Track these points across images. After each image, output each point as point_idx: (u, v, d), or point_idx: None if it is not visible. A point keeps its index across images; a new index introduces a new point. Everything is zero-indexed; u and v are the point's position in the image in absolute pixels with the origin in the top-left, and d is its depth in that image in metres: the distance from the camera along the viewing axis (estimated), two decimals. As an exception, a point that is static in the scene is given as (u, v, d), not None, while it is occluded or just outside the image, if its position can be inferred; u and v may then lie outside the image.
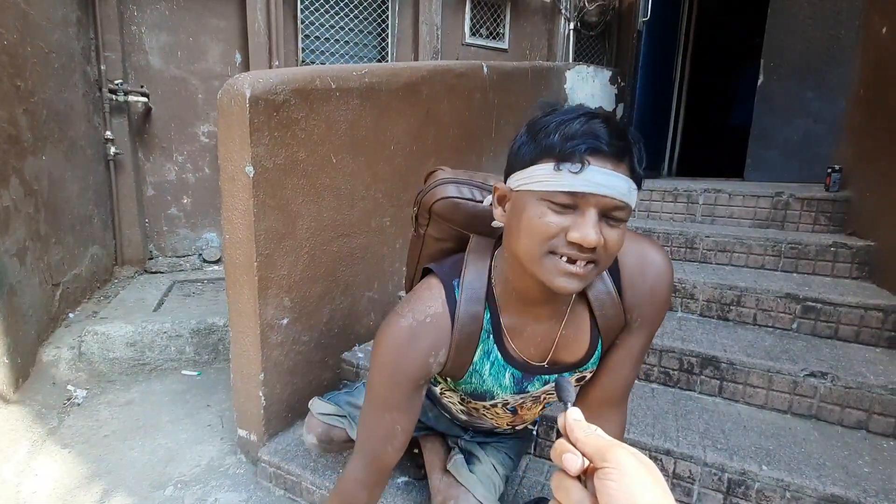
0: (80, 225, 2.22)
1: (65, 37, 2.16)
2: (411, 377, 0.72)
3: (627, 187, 0.57)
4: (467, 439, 1.03)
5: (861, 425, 1.19)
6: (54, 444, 1.45)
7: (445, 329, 0.72)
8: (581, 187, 0.56)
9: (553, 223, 0.57)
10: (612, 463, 0.31)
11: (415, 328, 0.71)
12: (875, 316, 1.39)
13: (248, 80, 1.12)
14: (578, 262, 0.58)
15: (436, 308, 0.71)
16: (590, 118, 0.58)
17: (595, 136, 0.56)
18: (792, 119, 2.63)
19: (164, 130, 2.73)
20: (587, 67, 3.26)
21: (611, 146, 0.56)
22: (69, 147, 2.14)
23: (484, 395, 0.81)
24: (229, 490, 1.28)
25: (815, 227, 1.89)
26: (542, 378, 0.78)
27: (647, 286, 0.72)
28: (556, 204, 0.57)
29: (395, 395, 0.73)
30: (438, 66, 1.84)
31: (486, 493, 0.92)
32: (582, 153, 0.56)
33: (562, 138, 0.57)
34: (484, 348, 0.75)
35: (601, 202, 0.56)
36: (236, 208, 1.19)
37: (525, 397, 0.81)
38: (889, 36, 1.72)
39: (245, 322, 1.26)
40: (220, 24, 2.75)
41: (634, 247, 0.72)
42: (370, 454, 0.76)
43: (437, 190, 0.82)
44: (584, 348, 0.75)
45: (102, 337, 1.87)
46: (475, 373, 0.77)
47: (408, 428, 0.76)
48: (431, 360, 0.72)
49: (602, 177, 0.56)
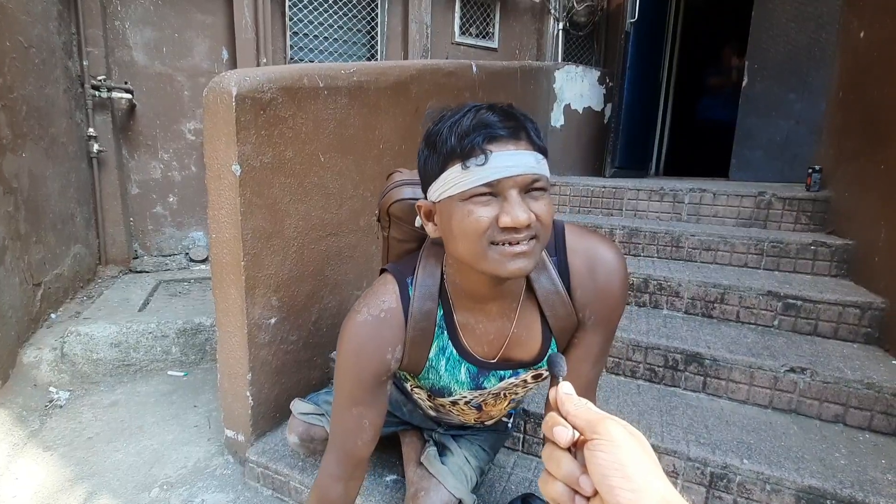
0: (62, 224, 2.17)
1: (45, 31, 2.11)
2: (372, 372, 0.73)
3: (534, 160, 0.60)
4: (441, 432, 1.05)
5: (838, 419, 1.22)
6: (35, 448, 1.43)
7: (400, 325, 0.73)
8: (493, 176, 0.58)
9: (482, 217, 0.59)
10: (603, 434, 0.32)
11: (371, 324, 0.72)
12: (853, 313, 1.42)
13: (234, 78, 1.11)
14: (521, 243, 0.59)
15: (390, 304, 0.73)
16: (476, 111, 0.60)
17: (486, 124, 0.58)
18: (775, 120, 2.69)
19: (150, 128, 2.69)
20: (576, 67, 3.28)
21: (505, 128, 0.59)
22: (50, 144, 2.09)
23: (442, 391, 0.82)
24: (216, 491, 1.27)
25: (796, 226, 1.93)
26: (497, 374, 0.79)
27: (599, 284, 0.72)
28: (478, 198, 0.59)
29: (358, 390, 0.74)
30: (427, 64, 1.84)
31: (457, 483, 0.94)
32: (481, 145, 0.58)
33: (458, 138, 0.59)
34: (439, 344, 0.76)
35: (517, 182, 0.58)
36: (223, 207, 1.18)
37: (483, 393, 0.82)
38: (866, 39, 1.76)
39: (232, 322, 1.25)
40: (206, 20, 2.71)
41: (584, 245, 0.73)
42: (341, 449, 0.78)
43: (393, 192, 0.84)
44: (536, 347, 0.76)
45: (85, 338, 1.83)
46: (432, 369, 0.79)
47: (376, 421, 0.77)
48: (389, 355, 0.73)
49: (507, 159, 0.58)
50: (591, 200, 2.29)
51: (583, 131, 3.38)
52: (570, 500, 0.33)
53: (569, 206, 2.33)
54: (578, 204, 2.32)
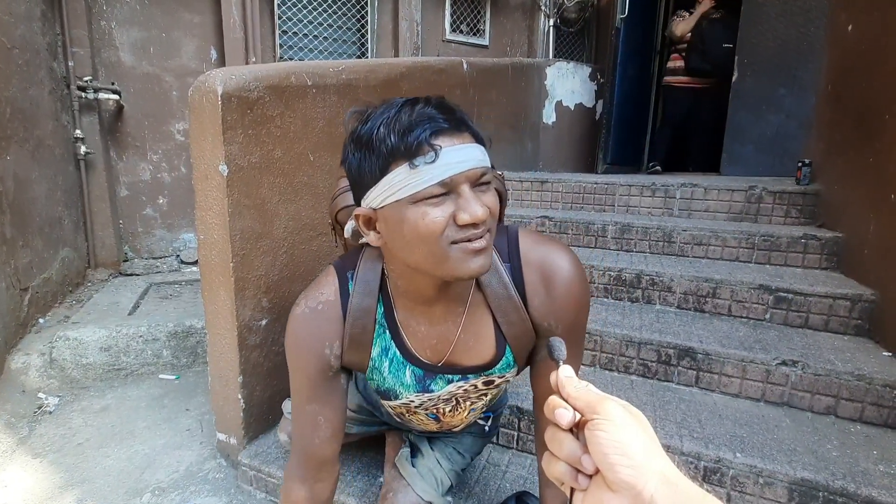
0: (50, 227, 2.14)
1: (28, 32, 2.07)
2: (314, 367, 0.71)
3: (481, 152, 0.58)
4: (416, 434, 1.03)
5: (830, 411, 1.23)
6: (25, 454, 1.41)
7: (337, 319, 0.71)
8: (446, 174, 0.54)
9: (438, 218, 0.55)
10: (602, 414, 0.32)
11: (308, 316, 0.70)
12: (843, 305, 1.43)
13: (219, 77, 1.10)
14: (480, 238, 0.57)
15: (328, 296, 0.71)
16: (412, 105, 0.56)
17: (430, 118, 0.55)
18: (765, 115, 2.70)
19: (138, 129, 2.66)
20: (567, 64, 3.28)
21: (449, 121, 0.56)
22: (36, 146, 2.06)
23: (388, 394, 0.79)
24: (209, 495, 1.26)
25: (786, 219, 1.94)
26: (445, 377, 0.76)
27: (557, 295, 0.69)
28: (432, 198, 0.55)
29: (306, 385, 0.72)
30: (417, 62, 1.83)
31: (426, 486, 0.92)
32: (428, 140, 0.54)
33: (400, 136, 0.54)
34: (381, 344, 0.74)
35: (468, 177, 0.56)
36: (210, 208, 1.17)
37: (433, 397, 0.78)
38: (854, 34, 1.77)
39: (222, 324, 1.23)
40: (194, 20, 2.68)
41: (538, 255, 0.70)
42: (300, 448, 0.76)
43: (339, 200, 0.81)
44: (488, 353, 0.73)
45: (75, 342, 1.81)
46: (375, 370, 0.76)
47: (332, 418, 0.74)
48: (327, 351, 0.71)
49: (456, 154, 0.55)
50: (584, 197, 2.29)
51: (575, 128, 3.39)
52: (573, 479, 0.34)
53: (561, 203, 2.33)
54: (571, 200, 2.32)
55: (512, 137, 2.89)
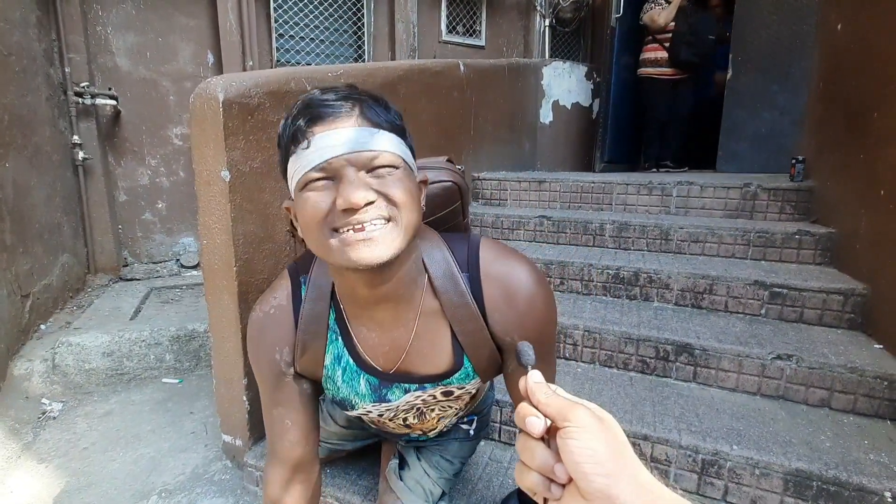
0: (49, 233, 2.15)
1: (24, 38, 2.07)
2: (269, 371, 0.71)
3: (369, 135, 0.55)
4: (402, 444, 1.01)
5: (824, 403, 1.25)
6: (30, 460, 1.42)
7: (287, 324, 0.70)
8: (318, 158, 0.54)
9: (320, 202, 0.55)
10: (574, 421, 0.32)
11: (262, 320, 0.70)
12: (836, 299, 1.46)
13: (220, 84, 1.11)
14: (367, 227, 0.54)
15: (280, 301, 0.70)
16: (307, 97, 0.58)
17: (307, 105, 0.56)
18: (760, 112, 2.73)
19: (135, 134, 2.66)
20: (563, 63, 3.30)
21: (326, 106, 0.55)
22: (34, 153, 2.06)
23: (345, 404, 0.77)
24: (215, 496, 1.27)
25: (781, 216, 1.97)
26: (401, 386, 0.73)
27: (521, 311, 0.67)
28: (313, 184, 0.55)
29: (267, 388, 0.72)
30: (414, 65, 1.85)
31: (415, 498, 0.91)
32: (303, 128, 0.54)
33: (285, 127, 0.57)
34: (334, 352, 0.71)
35: (350, 160, 0.54)
36: (213, 213, 1.18)
37: (390, 407, 0.76)
38: (843, 33, 1.80)
39: (226, 327, 1.24)
40: (190, 24, 2.68)
41: (499, 269, 0.67)
42: (272, 451, 0.75)
43: None
44: (444, 362, 0.71)
45: (77, 348, 1.82)
46: (329, 378, 0.74)
47: (299, 421, 0.73)
48: (277, 356, 0.70)
49: (331, 138, 0.54)
50: (581, 196, 2.31)
51: (572, 127, 3.41)
52: (546, 489, 0.33)
53: (559, 202, 2.35)
54: (568, 200, 2.34)
55: (509, 137, 2.91)
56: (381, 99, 0.60)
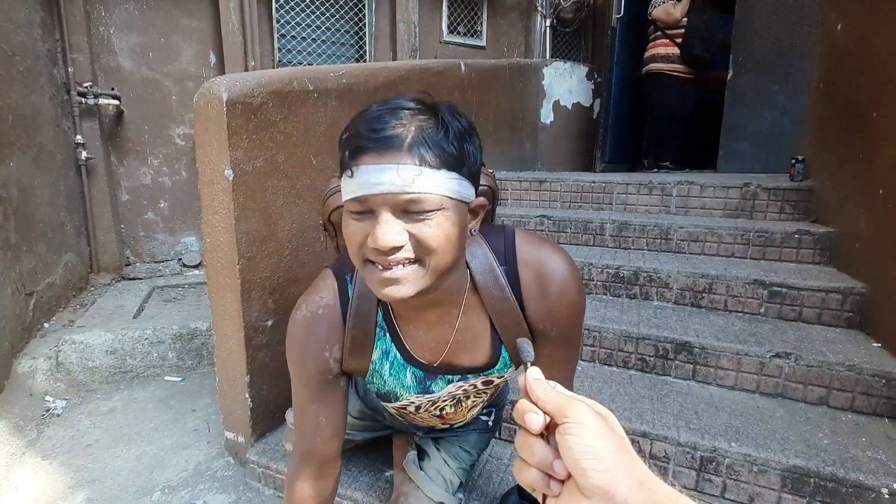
0: (53, 232, 2.16)
1: (28, 38, 2.09)
2: (315, 369, 0.71)
3: (413, 176, 0.51)
4: (420, 435, 1.03)
5: (822, 401, 1.26)
6: (34, 457, 1.43)
7: (337, 324, 0.71)
8: (357, 191, 0.53)
9: (357, 231, 0.55)
10: (572, 418, 0.32)
11: (309, 320, 0.70)
12: (835, 298, 1.47)
13: (224, 84, 1.12)
14: (394, 267, 0.54)
15: (327, 300, 0.71)
16: (363, 115, 0.54)
17: (357, 135, 0.53)
18: (760, 112, 2.73)
19: (138, 133, 2.67)
20: (564, 64, 3.31)
21: (374, 140, 0.51)
22: (38, 153, 2.08)
23: (389, 396, 0.79)
24: (218, 492, 1.29)
25: (781, 215, 1.97)
26: (444, 378, 0.76)
27: (553, 297, 0.69)
28: (353, 213, 0.55)
29: (307, 387, 0.73)
30: (416, 65, 1.86)
31: (435, 488, 0.93)
32: (348, 157, 0.53)
33: (341, 140, 0.56)
34: (382, 347, 0.74)
35: (388, 200, 0.52)
36: (216, 212, 1.19)
37: (433, 398, 0.79)
38: (843, 32, 1.81)
39: (229, 325, 1.26)
40: (192, 24, 2.70)
41: (533, 257, 0.69)
42: (302, 447, 0.77)
43: (332, 200, 0.81)
44: (486, 354, 0.74)
45: (80, 346, 1.83)
46: (375, 373, 0.76)
47: (333, 419, 0.75)
48: (327, 354, 0.71)
49: (372, 175, 0.52)
50: (582, 195, 2.32)
51: (572, 127, 3.42)
52: (545, 486, 0.33)
53: (559, 202, 2.36)
54: (569, 199, 2.35)
55: (510, 137, 2.92)
56: (446, 122, 0.54)
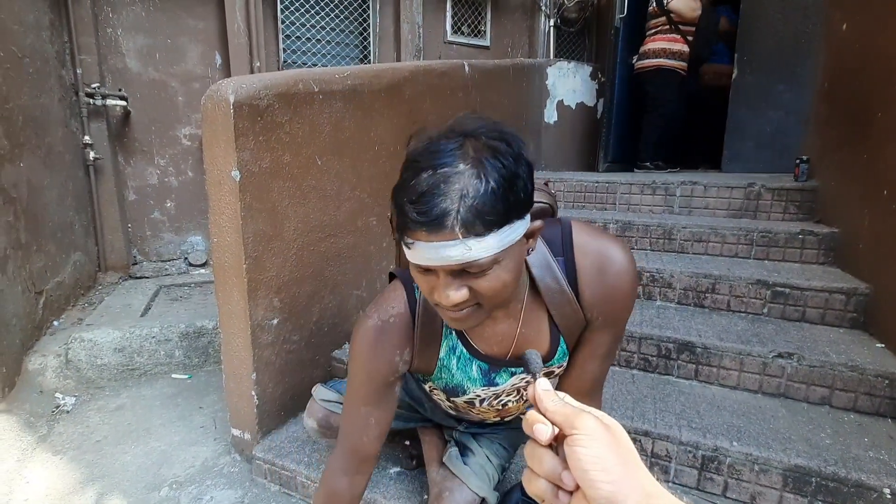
0: (62, 232, 2.19)
1: (38, 40, 2.12)
2: (381, 374, 0.77)
3: (461, 251, 0.54)
4: (461, 430, 1.07)
5: (825, 401, 1.26)
6: (45, 452, 1.46)
7: (408, 328, 0.76)
8: (416, 260, 0.57)
9: (424, 282, 0.61)
10: (580, 429, 0.32)
11: (381, 328, 0.75)
12: (839, 298, 1.47)
13: (231, 86, 1.14)
14: (458, 316, 0.61)
15: (398, 308, 0.76)
16: (410, 184, 0.55)
17: (406, 212, 0.55)
18: (765, 111, 2.72)
19: (145, 134, 2.70)
20: (568, 63, 3.31)
21: (422, 223, 0.54)
22: (47, 153, 2.11)
23: (456, 390, 0.84)
24: (225, 488, 1.31)
25: (784, 215, 1.97)
26: (508, 370, 0.81)
27: (608, 285, 0.72)
28: (417, 269, 0.60)
29: (367, 391, 0.78)
30: (420, 66, 1.87)
31: (480, 483, 0.96)
32: (402, 231, 0.57)
33: (395, 210, 0.58)
34: (449, 344, 0.79)
35: (445, 269, 0.56)
36: (223, 212, 1.21)
37: (497, 391, 0.84)
38: (848, 32, 1.80)
39: (235, 323, 1.28)
40: (198, 26, 2.72)
41: (594, 245, 0.73)
42: (348, 444, 0.81)
43: None
44: (545, 346, 0.78)
45: (89, 343, 1.86)
46: (443, 368, 0.81)
47: (382, 421, 0.81)
48: (398, 358, 0.77)
49: (428, 251, 0.55)
50: (585, 195, 2.33)
51: (576, 127, 3.42)
52: (553, 496, 0.33)
53: (563, 202, 2.36)
54: (573, 199, 2.36)
55: (513, 137, 2.91)
56: (489, 180, 0.54)
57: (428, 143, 0.57)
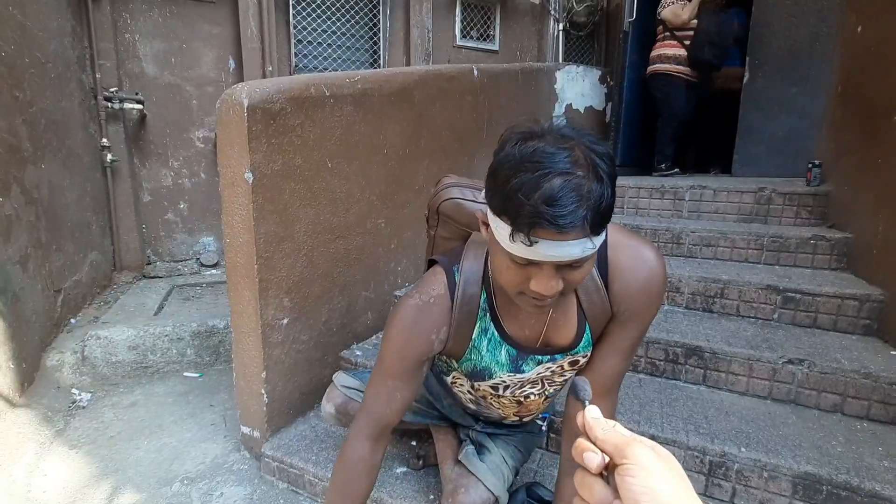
0: (80, 232, 2.25)
1: (60, 46, 2.18)
2: (417, 352, 0.81)
3: (580, 249, 0.58)
4: (478, 430, 1.08)
5: (836, 408, 1.25)
6: (61, 446, 1.49)
7: (446, 308, 0.80)
8: (532, 256, 0.59)
9: (517, 274, 0.64)
10: (631, 459, 0.32)
11: (421, 307, 0.80)
12: (851, 305, 1.45)
13: (245, 90, 1.17)
14: (544, 303, 0.65)
15: (438, 290, 0.80)
16: (542, 187, 0.56)
17: (539, 213, 0.56)
18: (777, 115, 2.69)
19: (160, 137, 2.76)
20: (577, 67, 3.31)
21: (557, 225, 0.55)
22: (67, 155, 2.17)
23: (483, 373, 0.87)
24: (234, 484, 1.33)
25: (796, 220, 1.95)
26: (535, 358, 0.84)
27: (639, 282, 0.76)
28: (516, 262, 0.62)
29: (400, 366, 0.82)
30: (430, 70, 1.89)
31: (495, 481, 0.97)
32: (527, 229, 0.57)
33: (515, 209, 0.57)
34: (482, 325, 0.83)
35: (556, 264, 0.61)
36: (236, 213, 1.24)
37: (522, 379, 0.87)
38: (863, 35, 1.78)
39: (246, 322, 1.30)
40: (213, 31, 2.78)
41: (630, 243, 0.77)
42: (372, 413, 0.85)
43: (443, 193, 0.92)
44: (572, 332, 0.81)
45: (105, 341, 1.90)
46: (474, 349, 0.85)
47: (407, 397, 0.84)
48: (434, 336, 0.81)
49: (551, 249, 0.58)
50: (593, 199, 2.32)
51: (584, 130, 3.40)
52: None
53: (571, 205, 2.36)
54: (580, 202, 2.35)
55: (521, 141, 2.92)
56: (605, 183, 0.58)
57: (537, 146, 0.58)
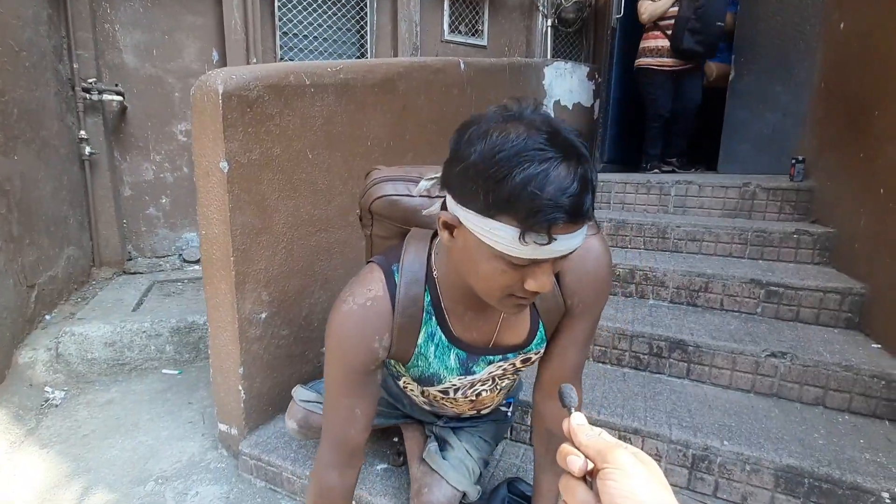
0: (55, 226, 2.18)
1: (35, 35, 2.11)
2: (360, 361, 0.73)
3: (582, 238, 0.56)
4: (441, 425, 1.06)
5: (818, 401, 1.25)
6: (32, 445, 1.44)
7: (387, 312, 0.73)
8: (543, 255, 0.54)
9: (510, 277, 0.57)
10: (613, 463, 0.32)
11: (357, 313, 0.72)
12: (833, 298, 1.46)
13: (220, 77, 1.13)
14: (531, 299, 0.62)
15: (376, 291, 0.72)
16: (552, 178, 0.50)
17: (558, 207, 0.50)
18: (762, 113, 2.71)
19: (141, 129, 2.70)
20: (565, 64, 3.31)
21: (574, 216, 0.51)
22: (42, 147, 2.10)
23: (432, 379, 0.82)
24: (211, 483, 1.29)
25: (780, 215, 1.96)
26: (486, 359, 0.80)
27: (587, 273, 0.73)
28: (512, 264, 0.56)
29: (348, 380, 0.75)
30: (415, 62, 1.86)
31: (459, 477, 0.95)
32: (546, 229, 0.51)
33: (529, 203, 0.50)
34: (427, 330, 0.77)
35: (565, 254, 0.56)
36: (211, 204, 1.20)
37: (473, 380, 0.83)
38: (846, 31, 1.80)
39: (223, 317, 1.26)
40: (196, 22, 2.72)
41: None
42: (334, 437, 0.79)
43: (374, 189, 0.83)
44: (525, 330, 0.78)
45: (80, 338, 1.85)
46: (420, 356, 0.79)
47: (367, 411, 0.78)
48: (376, 344, 0.73)
49: (566, 242, 0.54)
50: (581, 194, 2.31)
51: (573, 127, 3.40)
52: None
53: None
54: (568, 198, 2.34)
55: (510, 136, 2.90)
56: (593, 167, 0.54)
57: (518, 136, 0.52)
